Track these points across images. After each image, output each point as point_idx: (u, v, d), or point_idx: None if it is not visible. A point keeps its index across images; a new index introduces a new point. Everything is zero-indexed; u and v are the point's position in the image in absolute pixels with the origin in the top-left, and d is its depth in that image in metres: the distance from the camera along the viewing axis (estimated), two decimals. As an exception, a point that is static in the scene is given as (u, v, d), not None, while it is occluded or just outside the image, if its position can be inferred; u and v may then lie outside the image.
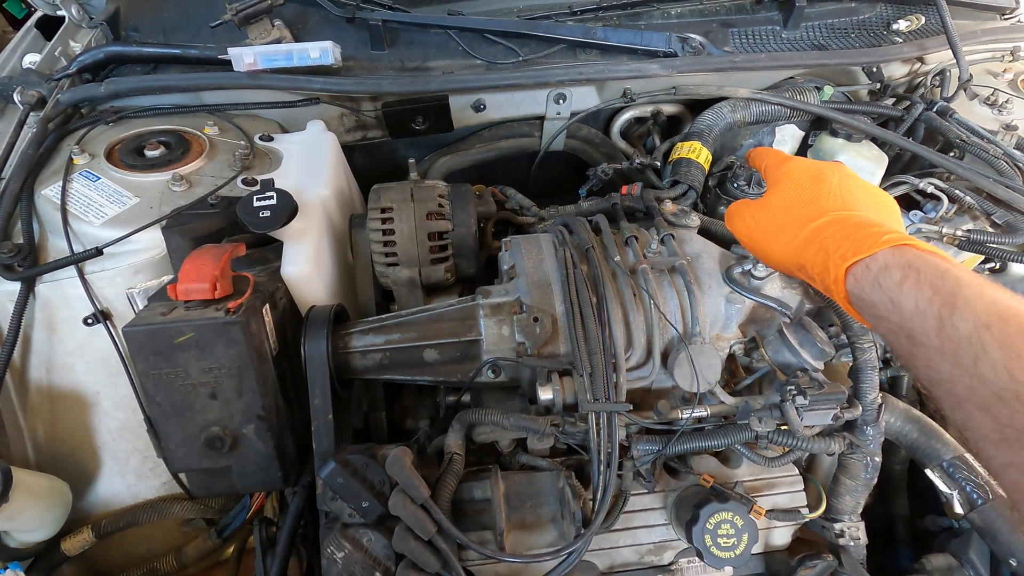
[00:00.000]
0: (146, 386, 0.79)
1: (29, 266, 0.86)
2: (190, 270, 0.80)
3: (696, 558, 0.84)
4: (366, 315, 1.03)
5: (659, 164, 1.17)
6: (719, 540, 0.73)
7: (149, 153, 1.00)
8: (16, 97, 1.05)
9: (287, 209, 0.90)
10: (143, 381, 0.78)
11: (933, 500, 1.20)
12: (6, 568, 0.77)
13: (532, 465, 0.82)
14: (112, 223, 0.89)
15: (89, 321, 0.87)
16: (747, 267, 0.89)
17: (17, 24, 3.69)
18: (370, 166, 1.32)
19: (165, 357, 0.78)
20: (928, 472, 0.85)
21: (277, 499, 1.05)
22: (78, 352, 0.89)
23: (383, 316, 0.92)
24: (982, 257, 1.18)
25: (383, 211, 1.00)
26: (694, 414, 0.83)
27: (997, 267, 1.23)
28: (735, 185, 1.12)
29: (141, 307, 0.90)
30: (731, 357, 0.93)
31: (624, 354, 0.84)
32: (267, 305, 0.85)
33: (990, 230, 1.04)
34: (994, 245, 1.01)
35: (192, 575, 1.04)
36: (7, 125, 1.07)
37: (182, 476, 0.98)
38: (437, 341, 0.88)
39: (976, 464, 0.83)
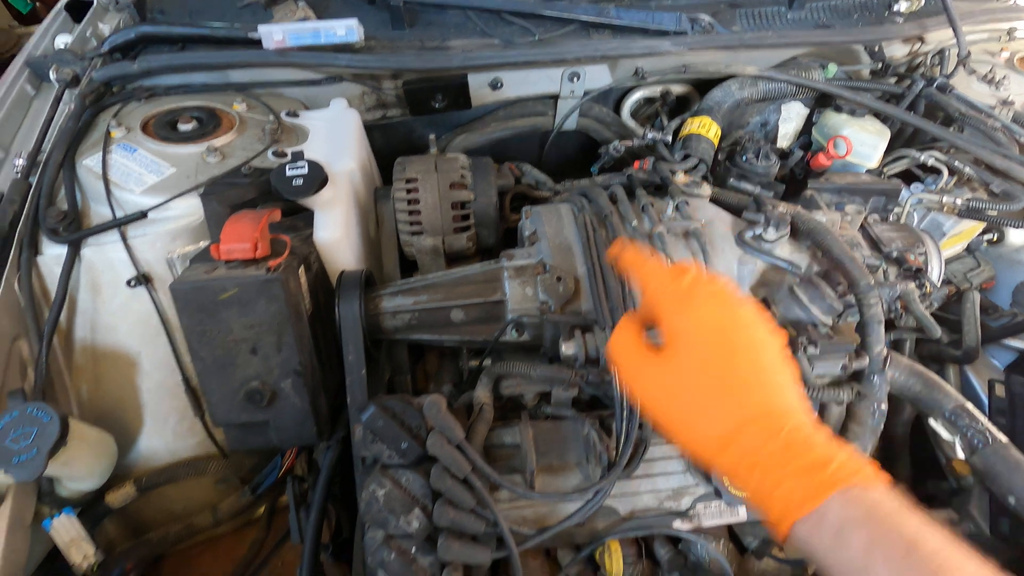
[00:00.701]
0: (191, 341, 0.83)
1: (74, 231, 0.90)
2: (231, 231, 0.84)
3: (712, 502, 0.88)
4: (392, 282, 1.08)
5: (670, 139, 1.22)
6: (736, 479, 0.78)
7: (182, 127, 1.04)
8: (52, 75, 1.09)
9: (318, 178, 0.95)
10: (188, 336, 0.83)
11: (933, 466, 1.25)
12: (60, 512, 0.82)
13: (557, 415, 0.87)
14: (152, 191, 0.93)
15: (132, 283, 0.91)
16: (758, 231, 0.94)
17: (21, 18, 3.72)
18: (388, 145, 1.36)
19: (209, 313, 0.82)
20: (931, 421, 0.90)
21: (306, 460, 1.10)
22: (121, 313, 0.93)
23: (411, 279, 0.96)
24: (982, 227, 1.24)
25: (408, 181, 1.05)
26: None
27: (995, 238, 1.28)
28: (743, 158, 1.16)
29: (180, 270, 0.94)
30: (742, 318, 0.98)
31: (643, 311, 0.88)
32: (302, 267, 0.89)
33: (988, 199, 1.09)
34: (993, 212, 1.05)
35: (226, 533, 1.08)
36: (43, 102, 1.11)
37: (217, 436, 1.03)
38: (463, 302, 0.93)
39: (976, 412, 0.87)
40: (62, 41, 1.18)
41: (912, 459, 1.26)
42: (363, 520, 0.79)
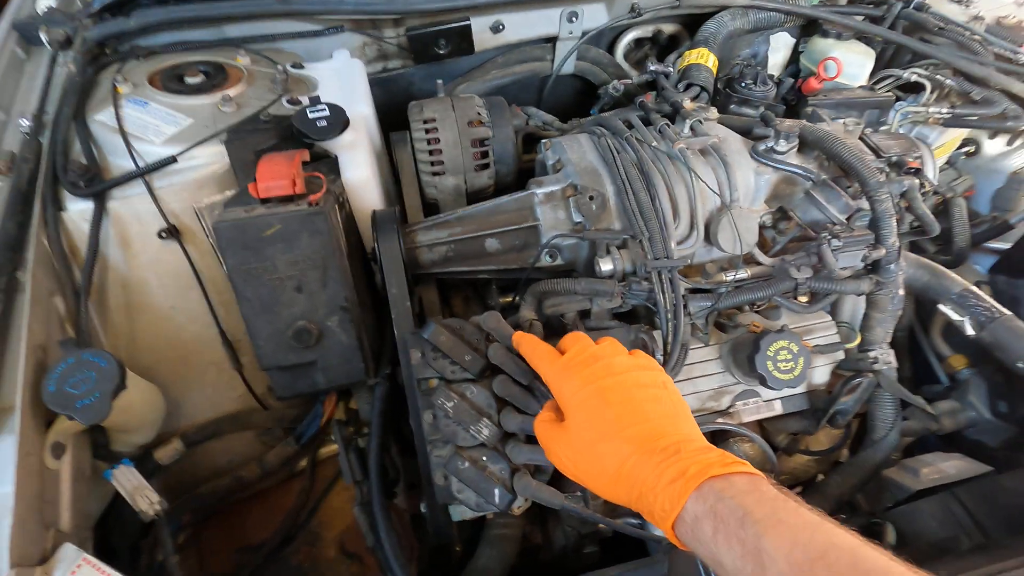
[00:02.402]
0: (236, 282, 0.83)
1: (97, 185, 0.88)
2: (267, 170, 0.84)
3: (750, 400, 0.94)
4: (418, 223, 1.08)
5: (671, 71, 1.25)
6: (779, 364, 0.83)
7: (190, 80, 1.02)
8: (43, 36, 1.05)
9: (341, 119, 0.95)
10: (233, 276, 0.82)
11: (926, 372, 1.35)
12: (120, 464, 0.81)
13: (600, 327, 0.90)
14: (172, 141, 0.92)
15: (163, 235, 0.90)
16: (770, 144, 0.99)
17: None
18: (388, 101, 1.35)
19: (254, 251, 0.82)
20: (940, 306, 0.97)
21: (344, 410, 1.11)
22: (152, 267, 0.92)
23: (444, 214, 0.98)
24: (961, 140, 1.32)
25: (426, 122, 1.06)
26: (738, 275, 0.92)
27: (972, 150, 1.37)
28: (743, 84, 1.21)
29: (208, 220, 0.93)
30: (759, 231, 1.03)
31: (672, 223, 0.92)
32: (336, 205, 0.90)
33: (970, 107, 1.17)
34: (975, 117, 1.13)
35: (271, 486, 1.09)
36: (35, 66, 1.07)
37: (257, 388, 1.03)
38: (498, 230, 0.95)
39: (981, 293, 0.95)
40: (44, 4, 1.14)
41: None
42: (427, 440, 0.81)
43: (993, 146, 1.34)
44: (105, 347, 0.91)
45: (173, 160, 0.86)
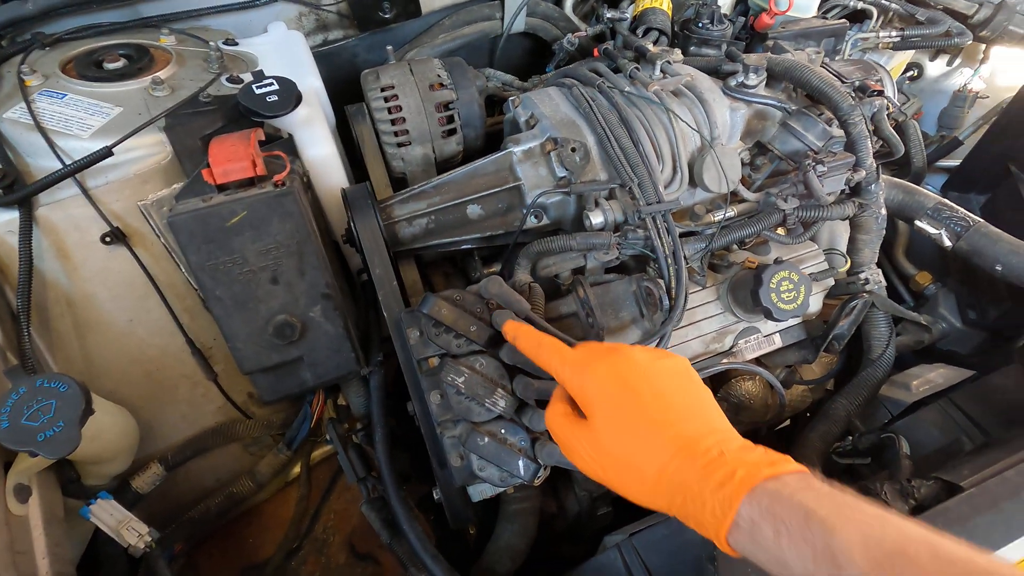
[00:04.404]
0: (203, 281, 0.75)
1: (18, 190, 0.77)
2: (220, 152, 0.75)
3: (751, 337, 0.94)
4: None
5: (629, 17, 1.22)
6: (783, 295, 0.82)
7: (110, 66, 0.91)
8: (-79, 30, 0.91)
9: (293, 92, 0.87)
10: (199, 275, 0.74)
11: (891, 293, 1.40)
12: (97, 498, 0.72)
13: (599, 281, 0.87)
14: (102, 133, 0.81)
15: (107, 239, 0.80)
16: (740, 79, 0.97)
17: None
18: (331, 77, 1.26)
19: (219, 244, 0.74)
20: (917, 222, 0.99)
21: (333, 408, 1.04)
22: (98, 278, 0.82)
23: (419, 184, 0.91)
24: (905, 64, 1.36)
25: (384, 90, 0.98)
26: (727, 214, 0.91)
27: (916, 74, 1.42)
28: (700, 25, 1.19)
29: (158, 219, 0.83)
30: (738, 169, 1.02)
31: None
32: (302, 185, 0.82)
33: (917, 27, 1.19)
34: (923, 37, 1.15)
35: (265, 499, 1.01)
36: (-85, 66, 0.92)
37: (237, 397, 0.94)
38: (479, 195, 0.90)
39: (953, 204, 0.98)
40: (-83, -5, 0.98)
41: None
42: (436, 421, 0.77)
43: (935, 68, 1.39)
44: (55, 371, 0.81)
45: (108, 153, 0.76)
